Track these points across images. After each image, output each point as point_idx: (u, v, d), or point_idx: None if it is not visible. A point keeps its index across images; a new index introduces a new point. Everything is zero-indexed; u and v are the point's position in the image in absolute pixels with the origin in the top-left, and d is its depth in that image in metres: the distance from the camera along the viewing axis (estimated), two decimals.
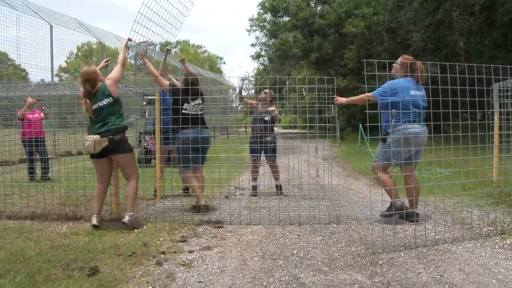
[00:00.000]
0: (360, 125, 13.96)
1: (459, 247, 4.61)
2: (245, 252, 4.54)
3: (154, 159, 7.64)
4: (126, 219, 5.48)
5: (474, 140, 5.58)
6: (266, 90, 8.12)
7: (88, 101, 5.46)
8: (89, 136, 5.40)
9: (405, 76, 5.65)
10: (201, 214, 6.20)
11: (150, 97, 9.84)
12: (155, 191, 7.28)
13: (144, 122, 12.22)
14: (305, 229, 5.48)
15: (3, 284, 3.59)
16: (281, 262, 4.21)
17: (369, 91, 5.51)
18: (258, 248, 4.67)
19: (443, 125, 4.90)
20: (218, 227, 5.59)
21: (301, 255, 4.40)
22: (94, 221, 5.48)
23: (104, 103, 5.49)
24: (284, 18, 34.46)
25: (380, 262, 4.15)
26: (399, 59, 5.82)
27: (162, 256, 4.37)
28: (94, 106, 5.47)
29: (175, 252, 4.50)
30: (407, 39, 20.31)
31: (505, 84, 6.89)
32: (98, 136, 5.36)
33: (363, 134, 13.97)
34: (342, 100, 6.06)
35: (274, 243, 4.86)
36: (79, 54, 38.79)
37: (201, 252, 4.52)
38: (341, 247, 4.68)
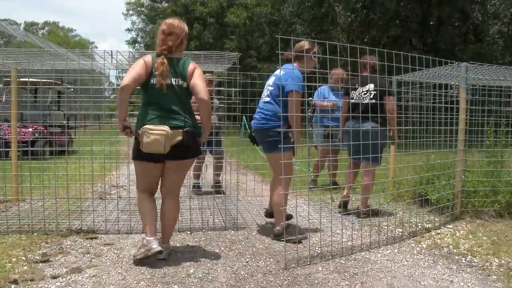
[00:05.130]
0: (244, 117, 13.37)
1: (378, 255, 4.11)
2: (128, 274, 3.56)
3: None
4: (163, 254, 3.83)
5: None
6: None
7: (164, 64, 3.70)
8: (152, 127, 3.65)
9: None
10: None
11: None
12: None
13: None
14: (198, 238, 4.64)
15: None
16: (176, 287, 3.33)
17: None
18: (144, 267, 3.72)
19: None
20: (91, 238, 4.52)
21: (200, 275, 3.55)
22: (155, 245, 3.73)
23: (179, 83, 3.78)
24: (162, 3, 33.17)
25: (299, 282, 3.46)
26: None
27: (12, 287, 3.25)
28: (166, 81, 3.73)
29: (32, 280, 3.37)
30: (291, 31, 20.29)
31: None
32: (167, 128, 3.66)
33: (246, 126, 13.38)
34: None
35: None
36: None
37: (68, 277, 3.46)
38: (246, 261, 3.91)
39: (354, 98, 5.57)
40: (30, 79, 7.49)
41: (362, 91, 5.54)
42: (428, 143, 5.92)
